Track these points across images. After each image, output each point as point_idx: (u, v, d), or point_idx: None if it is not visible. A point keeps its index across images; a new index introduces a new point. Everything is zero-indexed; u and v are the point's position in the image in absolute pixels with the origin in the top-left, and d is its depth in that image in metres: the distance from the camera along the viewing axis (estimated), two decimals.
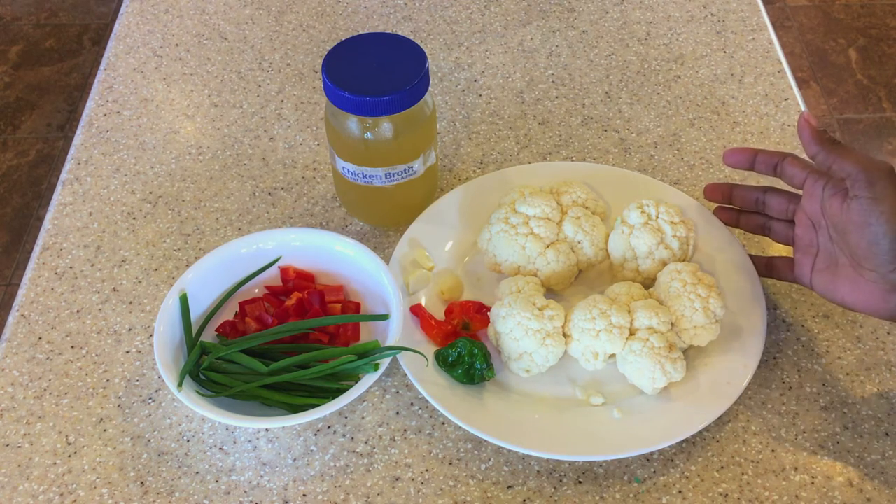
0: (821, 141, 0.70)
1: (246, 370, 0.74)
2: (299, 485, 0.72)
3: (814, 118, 0.72)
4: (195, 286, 0.77)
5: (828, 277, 0.72)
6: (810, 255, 0.74)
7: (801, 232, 0.75)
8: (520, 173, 0.89)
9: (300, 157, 0.95)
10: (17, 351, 0.80)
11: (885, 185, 0.67)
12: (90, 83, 2.38)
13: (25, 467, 0.73)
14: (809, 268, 0.74)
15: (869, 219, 0.67)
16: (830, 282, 0.72)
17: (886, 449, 0.73)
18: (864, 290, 0.69)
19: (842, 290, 0.71)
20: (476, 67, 1.05)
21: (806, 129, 0.71)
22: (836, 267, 0.72)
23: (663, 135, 0.97)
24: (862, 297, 0.70)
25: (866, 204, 0.67)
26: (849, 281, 0.70)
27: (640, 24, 1.10)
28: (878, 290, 0.68)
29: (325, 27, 1.10)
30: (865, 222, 0.67)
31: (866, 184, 0.67)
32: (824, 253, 0.73)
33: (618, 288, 0.78)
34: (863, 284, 0.69)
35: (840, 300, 0.72)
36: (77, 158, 0.96)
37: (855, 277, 0.70)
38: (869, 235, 0.67)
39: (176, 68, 1.05)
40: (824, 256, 0.73)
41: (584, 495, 0.71)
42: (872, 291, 0.69)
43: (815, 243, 0.74)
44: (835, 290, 0.72)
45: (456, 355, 0.75)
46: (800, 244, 0.75)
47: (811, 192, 0.73)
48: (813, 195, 0.73)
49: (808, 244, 0.74)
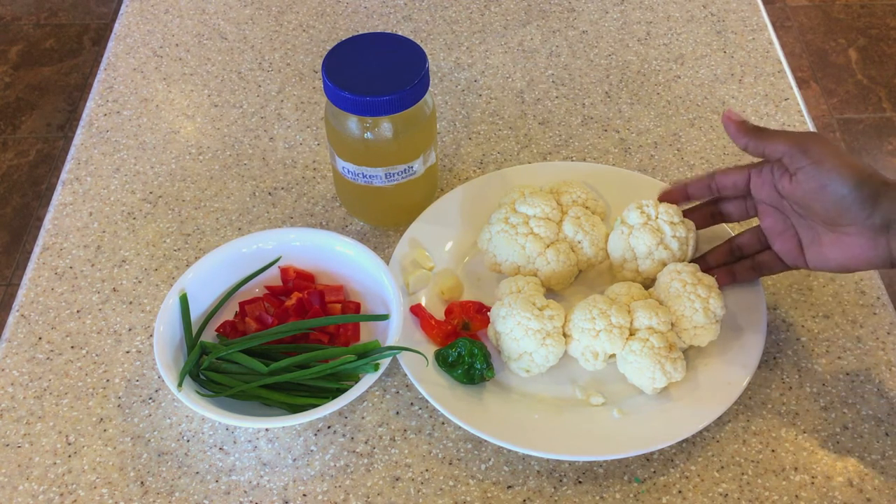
0: (747, 131, 0.73)
1: (246, 370, 0.74)
2: (299, 485, 0.72)
3: (734, 113, 0.74)
4: (195, 286, 0.77)
5: (816, 250, 0.73)
6: (791, 238, 0.75)
7: (771, 222, 0.76)
8: (520, 173, 0.89)
9: (300, 157, 0.95)
10: (17, 351, 0.80)
11: (818, 147, 0.69)
12: (90, 83, 2.38)
13: (25, 467, 0.73)
14: (798, 249, 0.75)
15: (821, 182, 0.68)
16: (819, 253, 0.73)
17: (886, 449, 0.73)
18: (852, 246, 0.70)
19: (833, 256, 0.71)
20: (476, 67, 1.05)
21: (730, 124, 0.73)
22: (818, 237, 0.72)
23: (663, 135, 0.97)
24: (853, 254, 0.70)
25: (811, 170, 0.69)
26: (835, 245, 0.71)
27: (640, 24, 1.10)
28: (865, 240, 0.69)
29: (325, 27, 1.10)
30: (820, 186, 0.68)
31: (801, 153, 0.69)
32: (802, 229, 0.74)
33: (618, 288, 0.78)
34: (848, 241, 0.70)
35: (836, 266, 0.72)
36: (77, 158, 0.96)
37: (839, 239, 0.70)
38: (830, 195, 0.68)
39: (176, 68, 1.05)
40: (804, 231, 0.74)
41: (584, 495, 0.71)
42: (860, 245, 0.69)
43: (789, 224, 0.75)
44: (827, 259, 0.72)
45: (456, 355, 0.75)
46: (774, 234, 0.76)
47: (759, 183, 0.75)
48: (763, 184, 0.74)
49: (783, 230, 0.75)
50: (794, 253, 0.75)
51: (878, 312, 0.81)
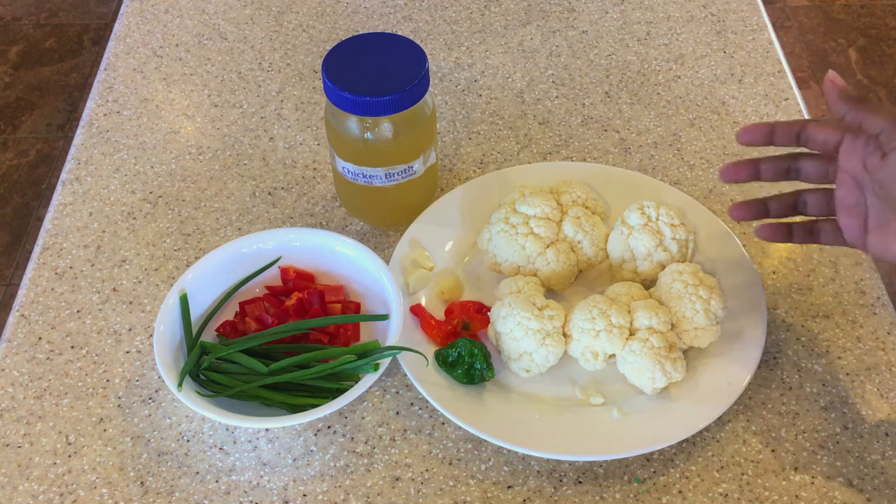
0: (848, 99, 0.68)
1: (246, 370, 0.74)
2: (299, 485, 0.72)
3: (839, 78, 0.69)
4: (195, 286, 0.77)
5: (881, 234, 0.69)
6: (859, 215, 0.71)
7: (845, 193, 0.71)
8: (520, 173, 0.89)
9: (300, 157, 0.95)
10: (17, 351, 0.80)
11: None
12: (90, 83, 2.38)
13: (25, 467, 0.73)
14: (861, 228, 0.70)
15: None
16: (883, 238, 0.68)
17: (886, 449, 0.73)
18: None
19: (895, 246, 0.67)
20: (476, 67, 1.05)
21: (832, 89, 0.69)
22: (889, 223, 0.68)
23: (663, 135, 0.97)
24: None
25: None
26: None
27: (640, 24, 1.10)
28: None
29: (325, 27, 1.10)
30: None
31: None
32: (874, 210, 0.69)
33: (618, 288, 0.78)
34: None
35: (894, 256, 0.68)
36: (77, 158, 0.96)
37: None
38: None
39: (176, 68, 1.05)
40: (875, 214, 0.69)
41: (584, 495, 0.71)
42: None
43: (862, 202, 0.70)
44: (889, 247, 0.68)
45: (456, 355, 0.75)
46: (844, 206, 0.72)
47: (850, 150, 0.70)
48: (853, 153, 0.70)
49: (855, 204, 0.71)
50: (857, 231, 0.71)
51: (878, 312, 0.81)
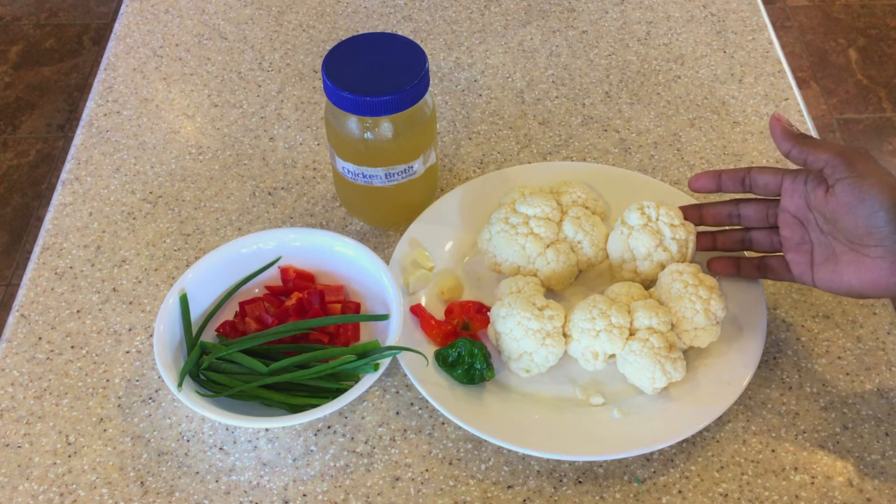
0: (792, 137, 0.72)
1: (246, 370, 0.74)
2: (299, 485, 0.72)
3: (783, 117, 0.73)
4: (195, 286, 0.77)
5: (830, 269, 0.71)
6: (805, 252, 0.74)
7: (789, 232, 0.75)
8: (520, 173, 0.89)
9: (300, 157, 0.95)
10: (17, 351, 0.80)
11: (864, 162, 0.68)
12: (90, 83, 2.38)
13: (25, 467, 0.73)
14: (808, 265, 0.74)
15: (859, 196, 0.67)
16: (833, 272, 0.71)
17: (886, 449, 0.73)
18: (872, 269, 0.68)
19: (847, 277, 0.70)
20: (476, 67, 1.05)
21: (777, 127, 0.73)
22: (836, 256, 0.71)
23: (663, 135, 0.97)
24: (870, 278, 0.68)
25: (852, 183, 0.67)
26: (853, 266, 0.69)
27: (640, 24, 1.10)
28: (886, 265, 0.67)
29: (325, 27, 1.10)
30: (857, 200, 0.67)
31: (846, 166, 0.68)
32: (820, 246, 0.72)
33: (618, 288, 0.78)
34: (868, 264, 0.68)
35: (847, 289, 0.70)
36: (77, 158, 0.96)
37: (858, 260, 0.69)
38: (863, 212, 0.67)
39: (176, 68, 1.05)
40: (821, 250, 0.72)
41: (584, 495, 0.71)
42: (881, 268, 0.68)
43: (807, 239, 0.74)
44: (840, 281, 0.71)
45: (456, 355, 0.75)
46: (790, 244, 0.75)
47: (791, 191, 0.74)
48: (794, 193, 0.73)
49: (800, 242, 0.74)
50: (804, 266, 0.74)
51: (878, 312, 0.81)
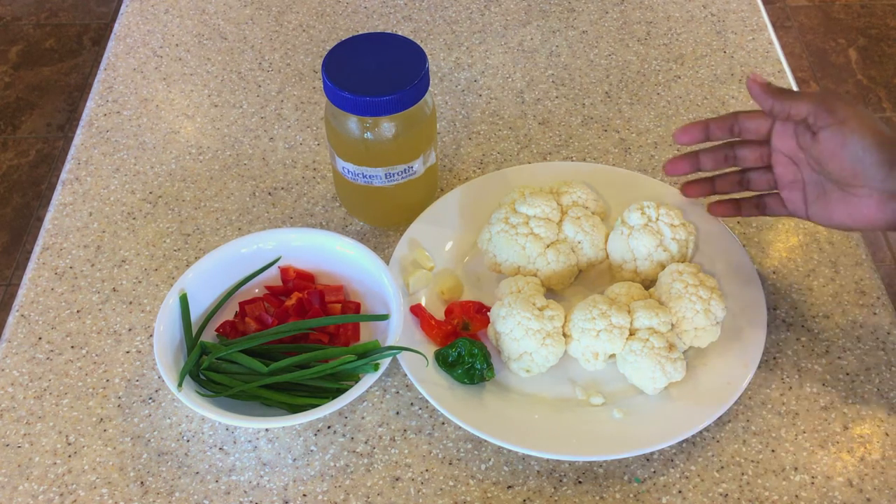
0: (772, 93, 0.73)
1: (246, 370, 0.74)
2: (299, 485, 0.72)
3: (759, 76, 0.74)
4: (195, 286, 0.77)
5: (822, 205, 0.74)
6: (798, 189, 0.76)
7: (783, 171, 0.77)
8: (520, 173, 0.89)
9: (300, 157, 0.95)
10: (17, 351, 0.80)
11: (844, 107, 0.70)
12: (90, 83, 2.38)
13: (25, 467, 0.73)
14: (802, 201, 0.76)
15: (842, 141, 0.69)
16: (825, 209, 0.74)
17: (886, 449, 0.73)
18: (860, 206, 0.71)
19: (838, 213, 0.73)
20: (476, 67, 1.05)
21: (755, 86, 0.74)
22: (826, 193, 0.73)
23: (663, 135, 0.97)
24: (860, 215, 0.71)
25: (835, 129, 0.69)
26: (842, 203, 0.72)
27: (640, 24, 1.10)
28: (874, 202, 0.70)
29: (325, 27, 1.10)
30: (841, 145, 0.69)
31: (827, 112, 0.70)
32: (812, 184, 0.75)
33: (618, 288, 0.78)
34: (857, 203, 0.71)
35: (839, 224, 0.73)
36: (77, 158, 0.96)
37: (847, 199, 0.71)
38: (849, 155, 0.69)
39: (176, 68, 1.05)
40: (813, 187, 0.75)
41: (584, 495, 0.71)
42: (868, 206, 0.70)
43: (799, 177, 0.76)
44: (830, 216, 0.73)
45: (456, 355, 0.75)
46: (784, 182, 0.77)
47: (782, 133, 0.75)
48: (785, 135, 0.75)
49: (793, 180, 0.76)
50: (799, 203, 0.76)
51: (878, 312, 0.81)
